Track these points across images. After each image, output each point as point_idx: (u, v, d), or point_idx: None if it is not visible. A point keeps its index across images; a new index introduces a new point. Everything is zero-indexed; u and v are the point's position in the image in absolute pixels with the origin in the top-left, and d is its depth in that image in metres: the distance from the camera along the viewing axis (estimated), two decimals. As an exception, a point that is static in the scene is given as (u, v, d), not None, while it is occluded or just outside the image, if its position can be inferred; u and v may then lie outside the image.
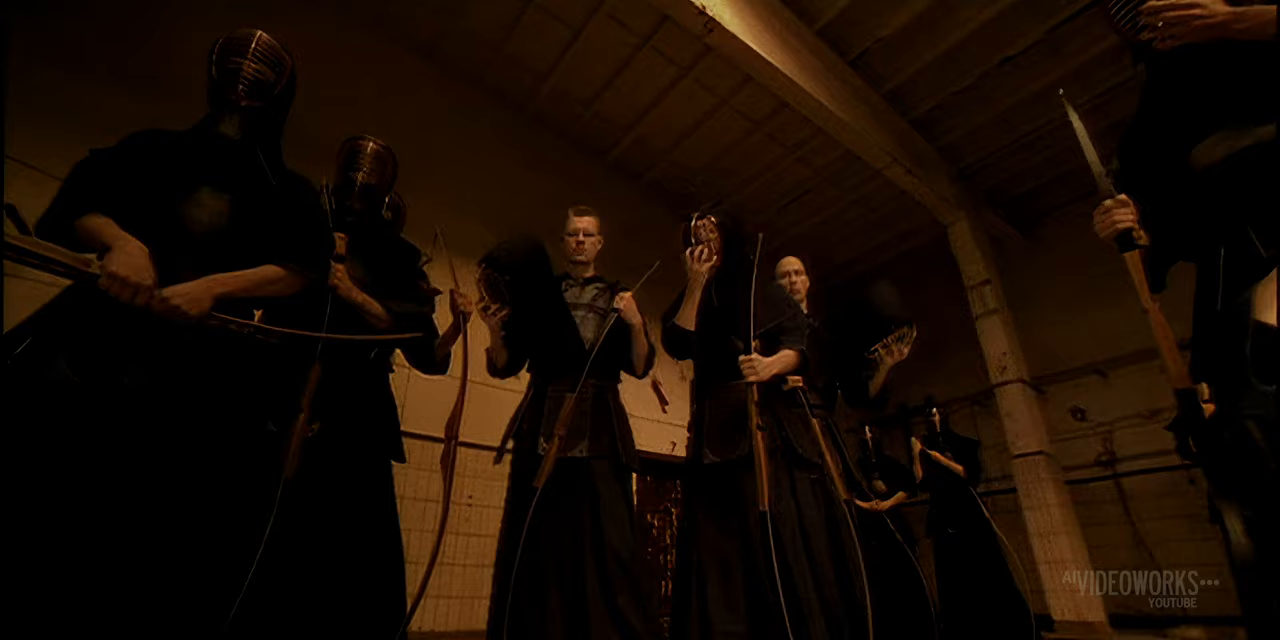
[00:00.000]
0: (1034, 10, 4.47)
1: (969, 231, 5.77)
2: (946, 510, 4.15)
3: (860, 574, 1.91)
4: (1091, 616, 4.43)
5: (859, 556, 1.95)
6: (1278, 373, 0.56)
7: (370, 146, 1.91)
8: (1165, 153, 1.35)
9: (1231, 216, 1.21)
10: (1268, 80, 1.12)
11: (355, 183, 1.85)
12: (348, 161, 1.88)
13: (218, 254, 1.36)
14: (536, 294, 2.03)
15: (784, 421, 2.01)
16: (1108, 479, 5.73)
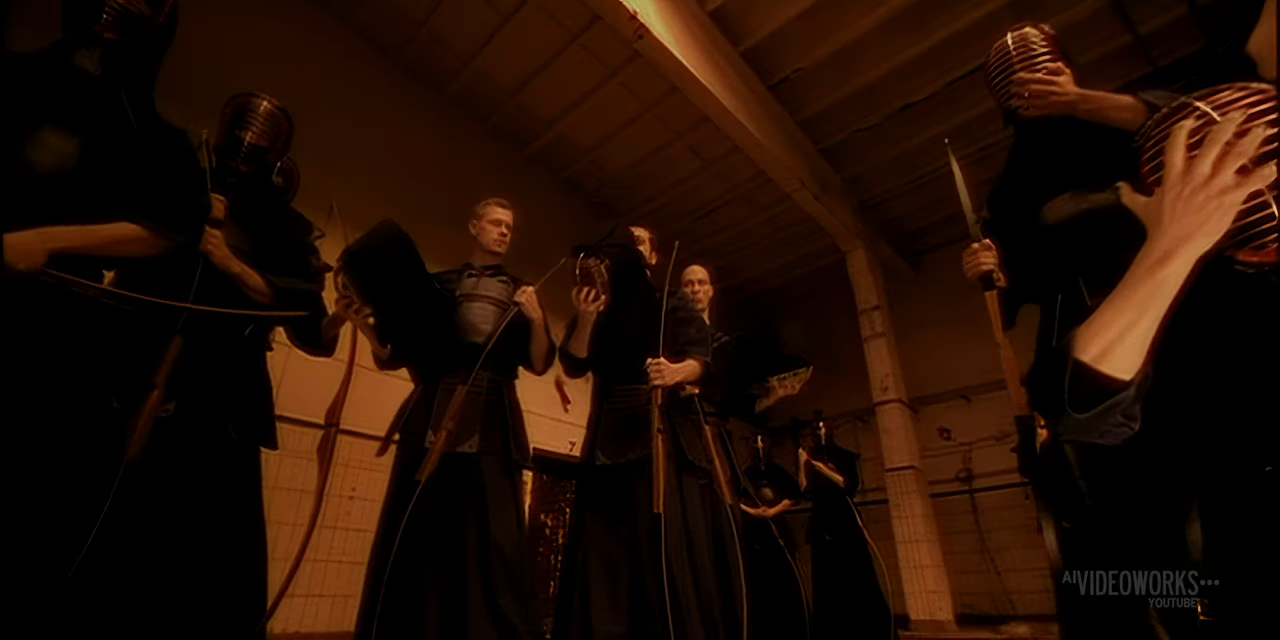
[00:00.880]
0: (936, 64, 4.91)
1: (865, 259, 6.21)
2: (825, 518, 4.39)
3: (740, 577, 1.97)
4: (942, 615, 4.90)
5: (740, 560, 2.01)
6: (1090, 404, 0.65)
7: (263, 105, 1.74)
8: (1023, 207, 1.53)
9: (1069, 268, 1.39)
10: (1105, 154, 1.28)
11: (242, 142, 1.68)
12: (235, 119, 1.71)
13: (61, 203, 1.19)
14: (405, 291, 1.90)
15: (678, 427, 2.04)
16: (965, 493, 6.31)
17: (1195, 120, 0.62)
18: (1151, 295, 0.60)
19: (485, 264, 2.23)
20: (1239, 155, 0.58)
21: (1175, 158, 0.61)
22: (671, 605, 1.72)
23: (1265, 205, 0.61)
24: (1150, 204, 0.62)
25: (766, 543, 3.89)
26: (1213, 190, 0.58)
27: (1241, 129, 0.58)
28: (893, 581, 4.61)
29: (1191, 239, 0.59)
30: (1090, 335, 0.63)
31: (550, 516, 5.03)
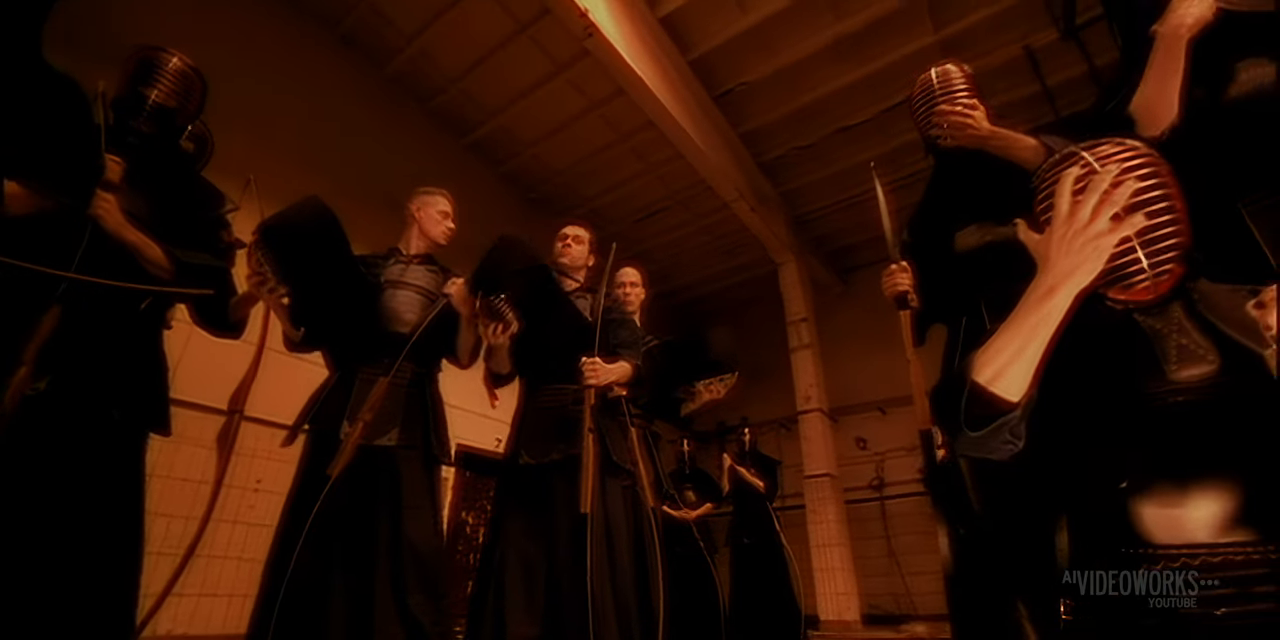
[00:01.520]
0: (871, 92, 5.16)
1: (796, 272, 6.44)
2: (745, 522, 4.48)
3: (659, 578, 1.98)
4: (849, 616, 5.14)
5: (659, 562, 2.02)
6: (983, 423, 0.70)
7: (173, 62, 1.60)
8: (937, 233, 1.63)
9: (973, 293, 1.50)
10: (1010, 188, 1.39)
11: (146, 100, 1.54)
12: (140, 74, 1.56)
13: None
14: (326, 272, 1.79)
15: (604, 428, 2.03)
16: (876, 500, 6.62)
17: (1080, 169, 0.69)
18: (1038, 325, 0.67)
19: (417, 252, 2.15)
20: (1113, 204, 0.65)
21: (1062, 202, 0.68)
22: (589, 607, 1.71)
23: (1132, 250, 0.70)
24: (1040, 241, 0.70)
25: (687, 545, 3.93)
26: (1090, 234, 0.65)
27: (1117, 180, 0.66)
28: (805, 584, 4.77)
29: (1072, 276, 0.66)
30: (986, 359, 0.70)
31: (472, 515, 4.88)
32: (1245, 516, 0.67)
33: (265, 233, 1.63)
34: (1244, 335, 0.69)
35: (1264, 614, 0.63)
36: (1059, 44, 4.11)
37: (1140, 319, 0.75)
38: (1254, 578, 0.65)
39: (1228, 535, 0.68)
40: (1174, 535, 0.69)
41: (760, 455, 4.76)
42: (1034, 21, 4.30)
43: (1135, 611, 0.69)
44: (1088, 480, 0.72)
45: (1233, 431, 0.68)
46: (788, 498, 6.19)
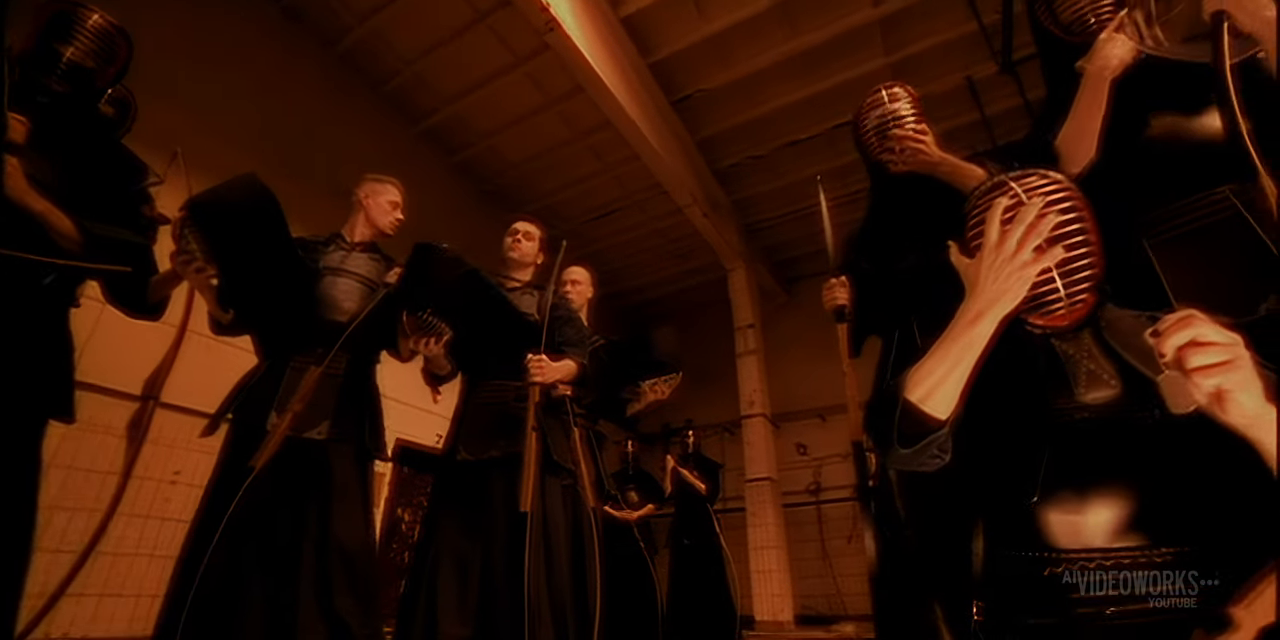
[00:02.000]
0: (822, 108, 5.32)
1: (745, 279, 6.55)
2: (686, 523, 4.51)
3: (596, 579, 1.97)
4: (783, 617, 5.25)
5: (598, 562, 2.00)
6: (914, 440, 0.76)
7: (94, 19, 1.48)
8: (876, 251, 1.70)
9: (906, 310, 1.57)
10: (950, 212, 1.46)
11: (60, 57, 1.42)
12: (54, 29, 1.44)
13: None
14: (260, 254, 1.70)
15: (546, 427, 2.01)
16: (813, 504, 6.79)
17: (1009, 199, 0.74)
18: (965, 349, 0.72)
19: (360, 240, 2.07)
20: (1037, 236, 0.70)
21: (992, 231, 0.73)
22: (524, 607, 1.68)
23: (1052, 280, 0.76)
24: (970, 266, 0.75)
25: (628, 545, 3.94)
26: (1016, 264, 0.70)
27: (1041, 213, 0.71)
28: (742, 585, 4.85)
29: (998, 303, 0.71)
30: (918, 379, 0.74)
31: (409, 512, 4.72)
32: (1135, 523, 0.73)
33: (195, 209, 1.54)
34: (1142, 362, 0.75)
35: (1148, 613, 0.69)
36: (997, 76, 4.36)
37: (1056, 343, 0.80)
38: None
39: (1120, 540, 0.74)
40: (1074, 540, 0.75)
41: (703, 458, 4.80)
42: (975, 54, 4.54)
43: (1037, 611, 0.74)
44: (1002, 490, 0.77)
45: (1127, 447, 0.74)
46: (728, 500, 6.29)
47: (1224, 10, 1.03)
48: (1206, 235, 1.16)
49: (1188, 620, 0.59)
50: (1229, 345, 0.58)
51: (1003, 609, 0.76)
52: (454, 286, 1.81)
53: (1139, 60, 1.24)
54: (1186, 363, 0.58)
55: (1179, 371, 0.59)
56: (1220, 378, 0.58)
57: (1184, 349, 0.59)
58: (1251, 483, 0.63)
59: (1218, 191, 1.16)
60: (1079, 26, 1.32)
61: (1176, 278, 1.16)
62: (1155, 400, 0.70)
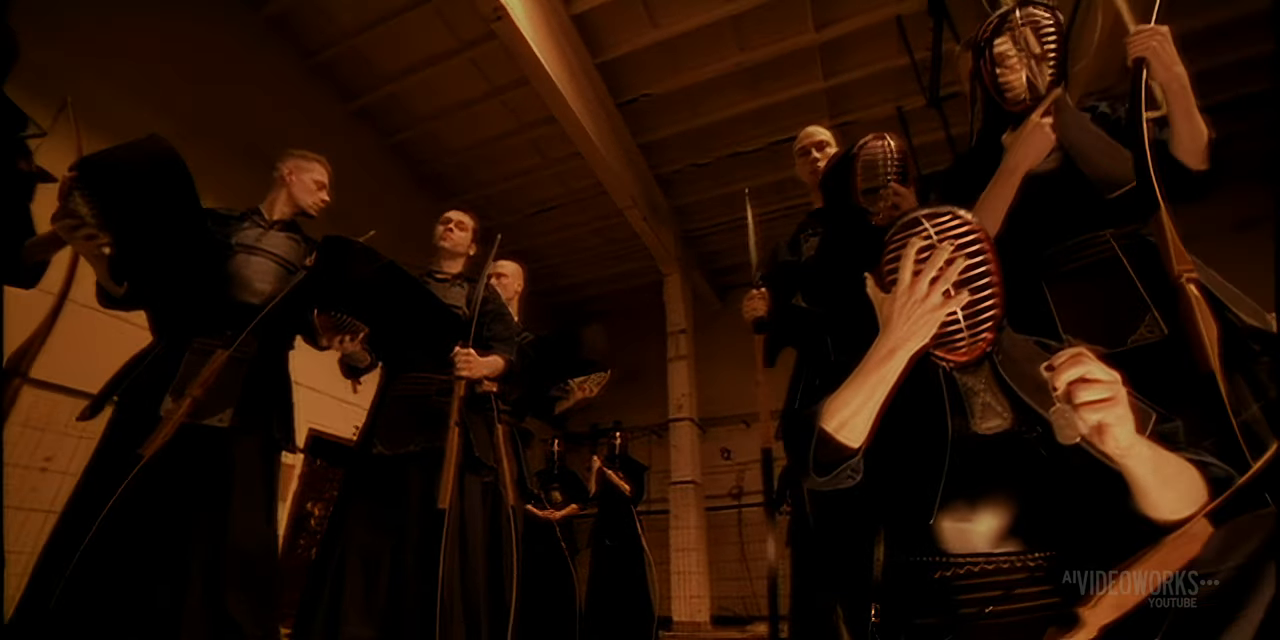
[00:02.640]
0: (764, 123, 5.47)
1: (680, 285, 6.64)
2: (608, 524, 4.52)
3: (513, 579, 1.93)
4: (700, 617, 5.34)
5: (515, 562, 1.97)
6: (830, 467, 0.82)
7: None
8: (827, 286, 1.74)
9: (822, 327, 1.65)
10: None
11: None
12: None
13: None
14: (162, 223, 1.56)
15: (469, 423, 1.96)
16: (734, 508, 6.94)
17: (923, 240, 0.79)
18: (878, 384, 0.78)
19: (280, 217, 1.95)
20: (946, 280, 0.76)
21: (905, 273, 0.78)
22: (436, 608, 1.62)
23: (958, 320, 0.82)
24: (885, 304, 0.81)
25: (549, 544, 3.91)
26: (926, 307, 0.76)
27: (951, 257, 0.76)
28: (661, 586, 4.90)
29: (909, 341, 0.77)
30: (833, 410, 0.80)
31: (319, 506, 4.47)
32: (1014, 530, 0.82)
33: (87, 169, 1.40)
34: (1032, 395, 0.83)
35: (1022, 612, 0.77)
36: (925, 110, 4.63)
37: (957, 376, 0.87)
38: (1017, 582, 0.79)
39: (1000, 546, 0.82)
40: (963, 545, 0.82)
41: (629, 459, 4.83)
42: (906, 87, 4.77)
43: (926, 611, 0.81)
44: (904, 503, 0.84)
45: (1012, 464, 0.82)
46: (652, 502, 6.32)
47: (1145, 58, 1.21)
48: (1089, 273, 1.29)
49: (1053, 618, 0.65)
50: (1112, 383, 0.65)
51: (897, 610, 0.82)
52: (371, 280, 1.73)
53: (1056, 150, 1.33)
54: (1075, 397, 0.64)
55: (1068, 405, 0.65)
56: (1103, 413, 0.64)
57: (1074, 384, 0.65)
58: (1112, 500, 0.72)
59: (1101, 235, 1.30)
60: (1014, 103, 1.38)
61: (1064, 310, 1.29)
62: (1039, 427, 0.79)
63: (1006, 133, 1.41)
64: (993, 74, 1.37)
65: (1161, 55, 1.21)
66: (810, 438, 0.81)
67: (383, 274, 1.72)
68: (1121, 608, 0.63)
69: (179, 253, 1.59)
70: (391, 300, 1.79)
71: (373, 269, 1.71)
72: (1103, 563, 0.67)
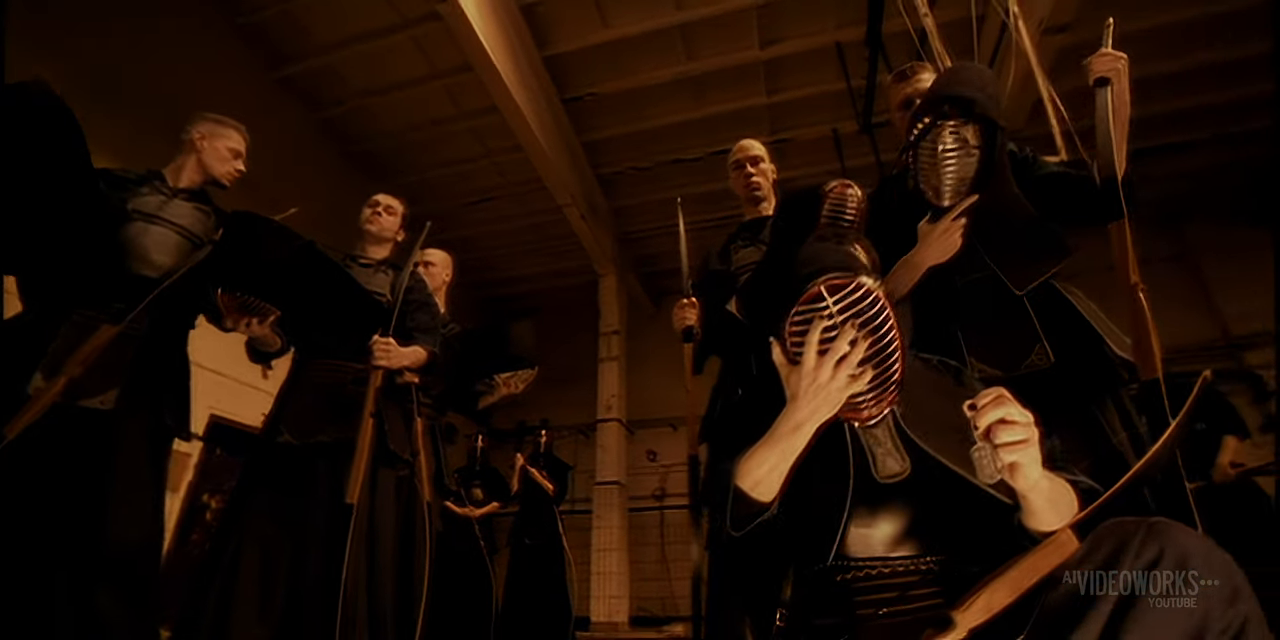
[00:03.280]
0: (708, 133, 5.56)
1: (615, 286, 6.65)
2: (529, 523, 4.47)
3: (423, 578, 1.87)
4: (618, 618, 5.34)
5: (426, 560, 1.91)
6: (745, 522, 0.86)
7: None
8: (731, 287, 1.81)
9: (746, 343, 1.69)
10: None
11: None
12: None
13: None
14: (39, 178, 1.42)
15: (386, 414, 1.89)
16: (657, 509, 7.00)
17: (826, 320, 0.80)
18: (788, 451, 0.82)
19: (188, 186, 1.81)
20: (850, 364, 0.78)
21: (810, 356, 0.80)
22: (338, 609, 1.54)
23: (864, 391, 0.84)
24: (791, 377, 0.82)
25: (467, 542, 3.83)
26: (832, 389, 0.79)
27: (854, 342, 0.78)
28: (581, 586, 4.88)
29: (815, 416, 0.81)
30: (747, 471, 0.84)
31: (217, 498, 4.14)
32: (909, 535, 0.87)
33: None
34: (935, 437, 0.87)
35: (913, 612, 0.82)
36: (858, 135, 4.85)
37: (861, 432, 0.92)
38: (911, 584, 0.84)
39: (897, 550, 0.87)
40: (864, 549, 0.87)
41: (554, 458, 4.79)
42: (842, 111, 4.95)
43: (826, 612, 0.85)
44: (814, 513, 0.88)
45: (910, 503, 0.88)
46: (576, 502, 6.30)
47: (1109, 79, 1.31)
48: (992, 306, 1.40)
49: (940, 620, 0.69)
50: (1028, 425, 0.70)
51: (799, 612, 0.86)
52: (286, 261, 1.64)
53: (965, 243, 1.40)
54: (995, 438, 0.69)
55: (988, 444, 0.70)
56: (1019, 454, 0.69)
57: (994, 426, 0.70)
58: (998, 515, 0.79)
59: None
60: (935, 199, 1.42)
61: (969, 335, 1.41)
62: (937, 472, 0.84)
63: (925, 221, 1.44)
64: (917, 175, 1.40)
65: (1121, 78, 1.32)
66: (727, 494, 0.84)
67: (299, 255, 1.63)
68: (990, 611, 0.68)
69: (60, 213, 1.44)
70: (307, 283, 1.70)
71: (289, 249, 1.61)
72: (988, 566, 0.73)
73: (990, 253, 1.38)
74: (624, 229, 6.98)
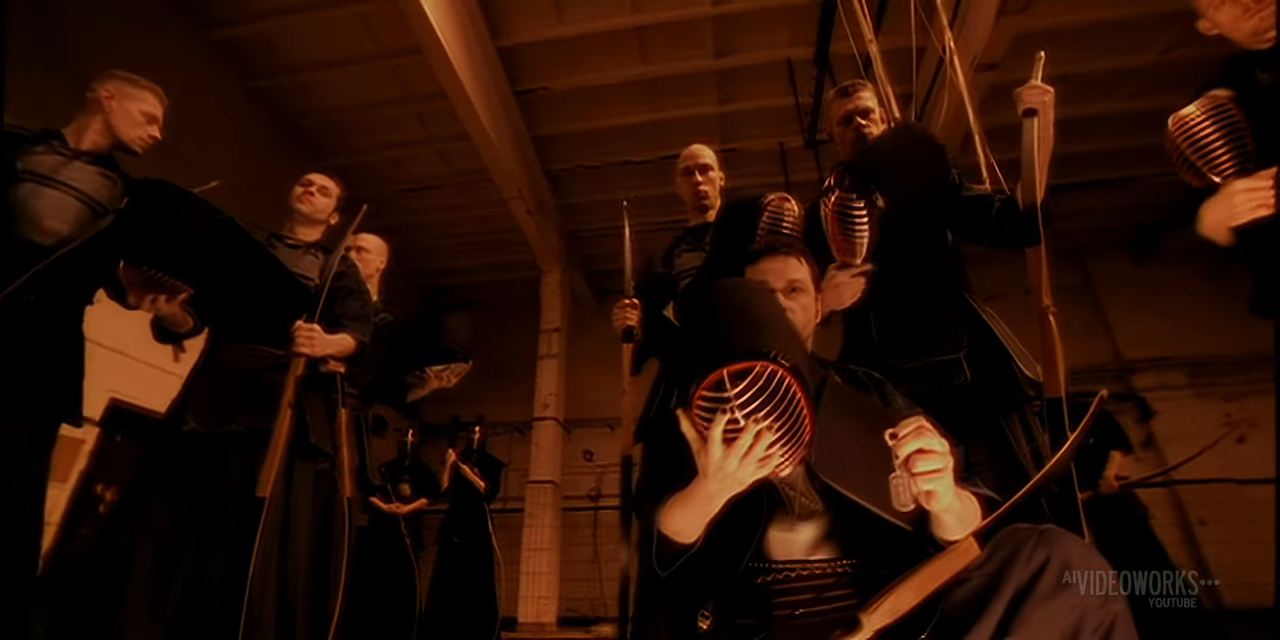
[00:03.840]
0: (660, 136, 5.59)
1: (558, 283, 6.60)
2: (459, 521, 4.36)
3: (339, 577, 1.79)
4: (546, 618, 5.30)
5: (344, 558, 1.82)
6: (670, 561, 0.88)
7: None
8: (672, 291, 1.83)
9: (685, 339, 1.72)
10: None
11: None
12: None
13: None
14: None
15: (306, 404, 1.80)
16: (591, 509, 6.98)
17: (729, 414, 0.76)
18: (704, 513, 0.83)
19: (91, 148, 1.66)
20: (755, 455, 0.76)
21: (714, 450, 0.76)
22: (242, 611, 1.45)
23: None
24: (700, 455, 0.79)
25: (392, 540, 3.71)
26: (739, 476, 0.78)
27: (758, 435, 0.75)
28: (509, 586, 4.81)
29: (726, 491, 0.80)
30: (669, 519, 0.86)
31: (113, 489, 3.80)
32: (828, 538, 0.91)
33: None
34: (851, 476, 0.87)
35: (827, 613, 0.85)
36: (803, 149, 5.00)
37: (776, 483, 0.93)
38: (827, 586, 0.88)
39: (816, 553, 0.90)
40: (784, 553, 0.90)
41: (487, 455, 4.70)
42: (789, 126, 5.09)
43: (746, 613, 0.87)
44: (734, 529, 0.90)
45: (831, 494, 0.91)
46: (508, 500, 6.19)
47: (1036, 108, 1.41)
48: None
49: (848, 621, 0.73)
50: (944, 454, 0.74)
51: (722, 613, 0.88)
52: (201, 236, 1.53)
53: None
54: (913, 467, 0.73)
55: (905, 472, 0.74)
56: (934, 483, 0.73)
57: (913, 455, 0.73)
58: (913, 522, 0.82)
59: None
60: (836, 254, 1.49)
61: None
62: (850, 510, 0.85)
63: (834, 265, 1.50)
64: (830, 225, 1.46)
65: (1047, 111, 1.42)
66: (653, 536, 0.87)
67: (217, 230, 1.52)
68: (895, 613, 0.72)
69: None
70: (225, 261, 1.59)
71: (205, 223, 1.51)
72: (899, 569, 0.76)
73: (879, 328, 1.49)
74: (570, 226, 6.93)
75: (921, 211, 1.52)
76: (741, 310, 0.81)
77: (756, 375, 0.74)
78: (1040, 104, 1.43)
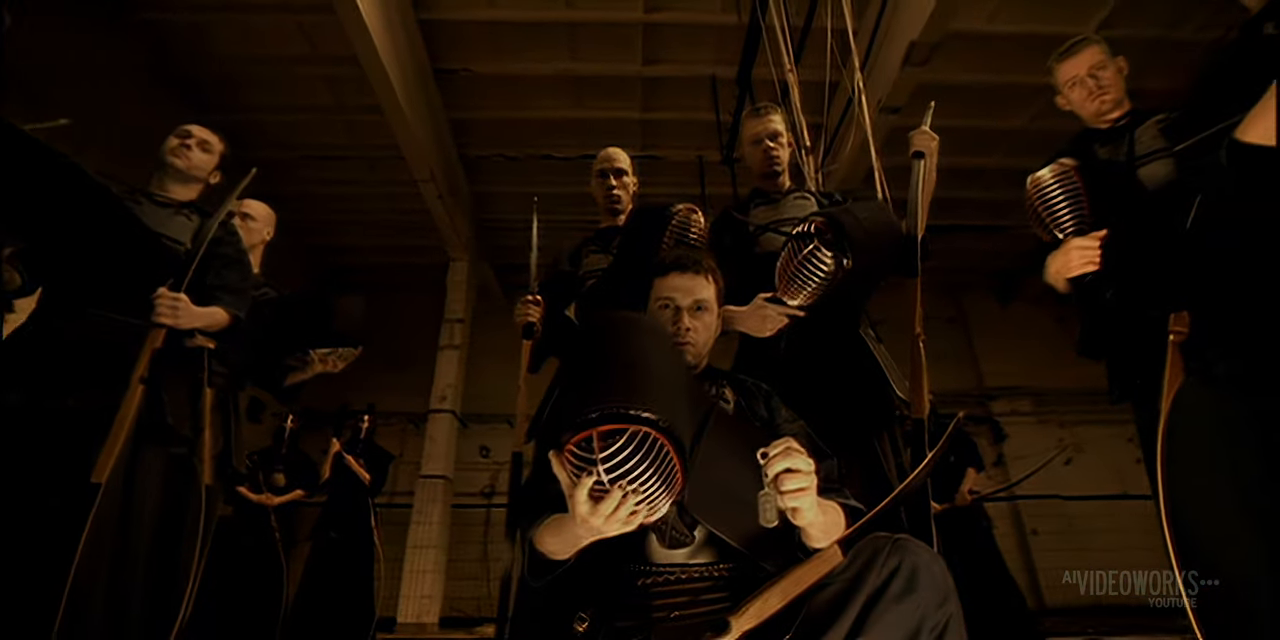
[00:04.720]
0: (581, 135, 5.57)
1: (465, 273, 6.40)
2: (338, 515, 4.13)
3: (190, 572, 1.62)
4: (427, 618, 5.11)
5: (197, 552, 1.65)
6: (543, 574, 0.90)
7: None
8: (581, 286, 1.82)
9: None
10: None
11: None
12: None
13: None
14: None
15: (162, 381, 1.62)
16: (484, 507, 6.81)
17: (594, 477, 0.73)
18: (575, 544, 0.84)
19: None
20: (618, 516, 0.73)
21: (581, 508, 0.73)
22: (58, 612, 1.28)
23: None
24: (569, 499, 0.75)
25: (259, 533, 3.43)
26: (603, 531, 0.76)
27: (623, 499, 0.73)
28: (390, 584, 4.59)
29: (594, 536, 0.79)
30: (543, 541, 0.88)
31: None
32: (708, 543, 0.93)
33: None
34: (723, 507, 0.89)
35: (702, 615, 0.87)
36: (720, 164, 5.14)
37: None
38: (704, 589, 0.90)
39: (696, 557, 0.93)
40: (665, 556, 0.92)
41: (375, 446, 4.48)
42: (709, 140, 5.17)
43: (626, 615, 0.88)
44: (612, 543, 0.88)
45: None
46: (395, 495, 5.91)
47: (924, 151, 1.55)
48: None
49: (717, 624, 0.76)
50: (810, 474, 0.79)
51: (602, 615, 0.89)
52: (37, 183, 1.35)
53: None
54: (781, 486, 0.77)
55: (774, 489, 0.77)
56: (799, 501, 0.77)
57: (780, 474, 0.77)
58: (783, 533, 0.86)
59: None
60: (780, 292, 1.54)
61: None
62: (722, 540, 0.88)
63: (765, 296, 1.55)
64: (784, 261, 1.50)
65: (933, 155, 1.58)
66: (526, 552, 0.90)
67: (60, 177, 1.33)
68: (761, 616, 0.76)
69: None
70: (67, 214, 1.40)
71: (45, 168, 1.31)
72: (771, 573, 0.81)
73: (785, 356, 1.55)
74: (484, 215, 6.74)
75: (869, 288, 1.63)
76: (627, 361, 0.79)
77: (629, 438, 0.71)
78: (927, 148, 1.57)
